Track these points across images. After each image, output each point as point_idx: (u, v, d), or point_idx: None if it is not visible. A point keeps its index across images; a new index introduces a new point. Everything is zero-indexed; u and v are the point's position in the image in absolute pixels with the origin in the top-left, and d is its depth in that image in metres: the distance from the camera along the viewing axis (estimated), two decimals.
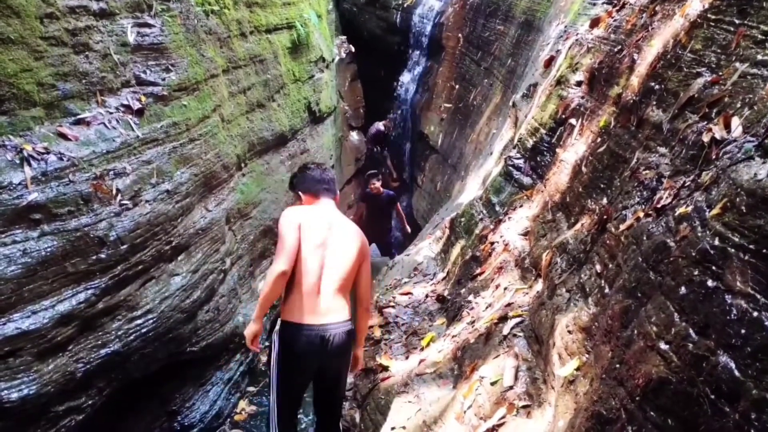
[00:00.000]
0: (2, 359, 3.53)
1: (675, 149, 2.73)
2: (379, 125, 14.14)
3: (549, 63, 6.50)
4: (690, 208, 1.97)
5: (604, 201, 3.40)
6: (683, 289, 1.64)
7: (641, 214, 2.43)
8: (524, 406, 2.85)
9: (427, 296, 5.33)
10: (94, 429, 4.55)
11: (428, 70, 14.00)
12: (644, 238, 2.18)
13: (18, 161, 3.74)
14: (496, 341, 3.47)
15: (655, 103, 3.20)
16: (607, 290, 2.37)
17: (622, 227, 2.67)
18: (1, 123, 3.78)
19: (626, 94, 3.67)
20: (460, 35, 12.76)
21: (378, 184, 9.72)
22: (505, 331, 3.48)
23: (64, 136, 4.13)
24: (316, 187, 4.24)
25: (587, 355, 2.27)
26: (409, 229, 10.20)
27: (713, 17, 2.91)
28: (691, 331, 1.53)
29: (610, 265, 2.62)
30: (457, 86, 12.55)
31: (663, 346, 1.61)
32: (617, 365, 1.81)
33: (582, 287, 2.81)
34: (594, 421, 1.78)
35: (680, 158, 2.60)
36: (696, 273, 1.61)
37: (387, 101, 14.99)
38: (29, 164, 3.79)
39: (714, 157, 2.27)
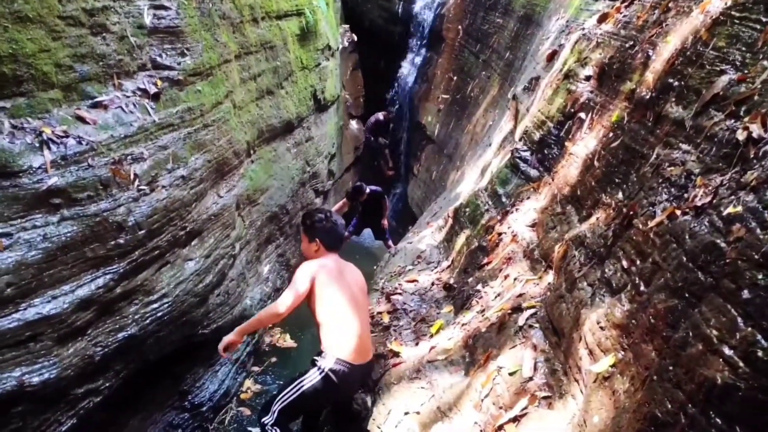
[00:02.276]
0: (23, 344, 3.40)
1: (702, 147, 2.63)
2: (379, 115, 13.99)
3: (552, 57, 6.38)
4: (740, 209, 1.87)
5: (620, 195, 3.30)
6: (746, 293, 1.54)
7: (677, 212, 2.33)
8: (545, 397, 2.76)
9: (433, 284, 5.23)
10: (110, 407, 4.45)
11: (428, 61, 13.84)
12: (686, 237, 2.07)
13: (37, 144, 3.59)
14: (511, 331, 3.38)
15: (674, 99, 3.10)
16: (642, 288, 2.27)
17: (651, 223, 2.57)
18: (19, 104, 3.63)
19: (641, 90, 3.56)
20: (460, 27, 12.61)
21: (365, 194, 9.46)
22: (520, 321, 3.38)
23: (82, 120, 3.97)
24: (336, 245, 4.40)
25: (623, 353, 2.17)
26: (386, 223, 10.08)
27: (738, 14, 2.80)
28: (759, 337, 1.43)
29: (639, 261, 2.53)
30: (455, 78, 12.41)
31: (727, 351, 1.51)
32: (671, 367, 1.71)
33: (607, 282, 2.71)
34: (646, 422, 1.68)
35: (710, 156, 2.50)
36: (760, 277, 1.51)
37: (386, 91, 14.83)
38: (49, 148, 3.63)
39: (753, 155, 2.17)
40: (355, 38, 12.52)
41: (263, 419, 3.90)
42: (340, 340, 3.89)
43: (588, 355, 2.42)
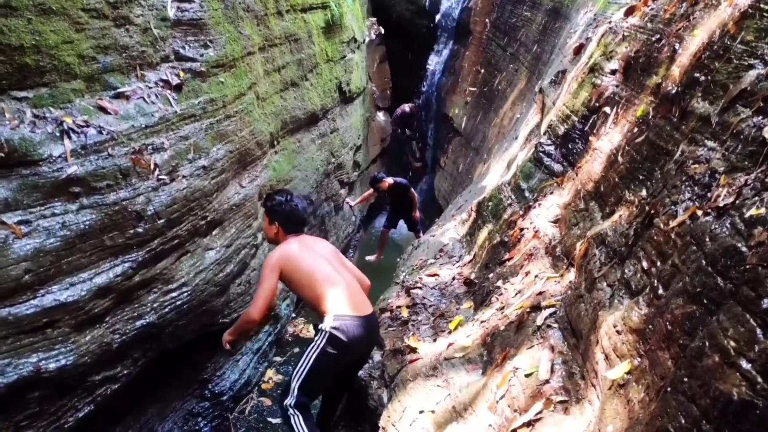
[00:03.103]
0: (41, 330, 3.41)
1: (727, 144, 2.50)
2: (405, 107, 13.90)
3: (579, 50, 6.24)
4: (763, 210, 1.76)
5: (644, 193, 3.17)
6: (767, 303, 1.43)
7: (699, 212, 2.21)
8: (561, 402, 2.66)
9: (454, 278, 5.13)
10: (130, 395, 4.46)
11: (455, 54, 13.71)
12: (707, 239, 1.96)
13: (58, 134, 3.59)
14: (529, 331, 3.27)
15: (700, 94, 2.96)
16: (661, 291, 2.16)
17: (672, 223, 2.45)
18: (42, 95, 3.63)
19: (666, 84, 3.42)
20: (487, 20, 12.46)
21: (386, 183, 9.28)
22: (539, 321, 3.27)
23: (103, 110, 3.96)
24: (296, 229, 4.39)
25: (639, 359, 2.06)
26: (417, 215, 9.95)
27: (767, 7, 2.66)
28: None
29: (659, 263, 2.41)
30: (482, 70, 12.27)
31: (745, 364, 1.41)
32: (686, 378, 1.60)
33: (627, 284, 2.60)
34: None
35: (736, 154, 2.37)
36: None
37: (413, 83, 14.72)
38: (69, 137, 3.63)
39: None
40: (383, 31, 12.43)
41: (285, 402, 3.86)
42: (332, 301, 3.89)
43: (604, 359, 2.32)
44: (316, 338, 3.86)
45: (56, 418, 3.61)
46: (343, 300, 3.89)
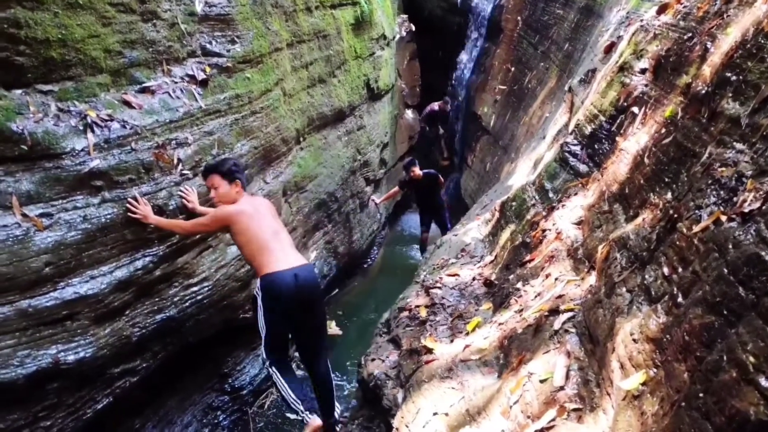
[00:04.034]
0: (60, 322, 3.43)
1: (757, 146, 2.38)
2: (434, 105, 13.77)
3: (609, 49, 6.08)
4: None
5: (669, 196, 3.05)
6: None
7: (722, 217, 2.10)
8: (575, 410, 2.57)
9: (474, 279, 5.04)
10: (148, 388, 4.47)
11: (485, 52, 13.53)
12: (729, 246, 1.86)
13: (82, 128, 3.60)
14: (546, 335, 3.18)
15: (731, 95, 2.83)
16: (680, 299, 2.06)
17: (696, 228, 2.34)
18: (67, 88, 3.65)
19: (696, 84, 3.28)
20: (519, 18, 12.27)
21: (417, 170, 9.35)
22: (557, 325, 3.18)
23: (128, 104, 3.98)
24: (233, 172, 4.38)
25: (655, 370, 1.97)
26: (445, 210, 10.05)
27: None
28: None
29: (680, 269, 2.31)
30: (512, 69, 12.09)
31: (764, 382, 1.32)
32: (701, 394, 1.51)
33: (646, 290, 2.50)
34: None
35: (765, 157, 2.25)
36: None
37: (444, 81, 14.59)
38: (93, 131, 3.65)
39: None
40: (413, 28, 12.32)
41: (264, 365, 4.37)
42: (261, 262, 4.22)
43: (619, 368, 2.22)
44: (256, 301, 4.30)
45: (74, 410, 3.63)
46: (270, 261, 4.21)
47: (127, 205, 3.81)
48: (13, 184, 3.30)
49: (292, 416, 4.92)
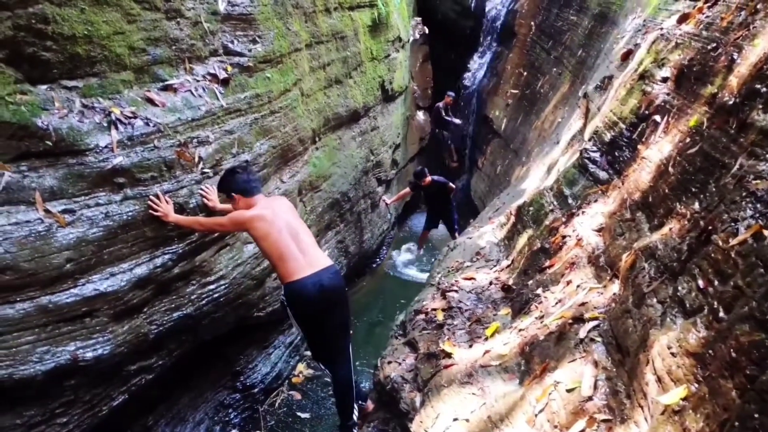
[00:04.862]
0: (79, 319, 3.39)
1: None
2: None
3: (626, 56, 6.01)
4: None
5: (697, 206, 2.99)
6: None
7: (765, 231, 2.04)
8: (605, 420, 2.52)
9: (491, 283, 4.98)
10: (162, 385, 4.43)
11: (498, 56, 13.49)
12: None
13: (105, 124, 3.55)
14: (570, 343, 3.12)
15: (761, 106, 2.77)
16: (721, 314, 2.00)
17: (733, 241, 2.27)
18: (91, 85, 3.60)
19: (723, 95, 3.21)
20: (532, 23, 12.22)
21: (428, 178, 9.53)
22: (582, 334, 3.12)
23: (151, 102, 3.93)
24: (252, 190, 4.34)
25: (697, 386, 1.91)
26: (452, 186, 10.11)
27: None
28: None
29: (717, 283, 2.25)
30: (525, 73, 12.03)
31: None
32: (756, 414, 1.46)
33: (680, 302, 2.43)
34: None
35: None
36: None
37: (455, 83, 14.53)
38: (116, 128, 3.60)
39: None
40: (427, 31, 12.27)
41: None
42: (284, 271, 4.22)
43: (656, 381, 2.16)
44: (287, 310, 4.38)
45: (90, 407, 3.59)
46: (294, 268, 4.21)
47: (149, 202, 3.77)
48: (37, 179, 3.26)
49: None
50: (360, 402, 4.73)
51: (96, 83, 3.62)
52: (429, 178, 9.53)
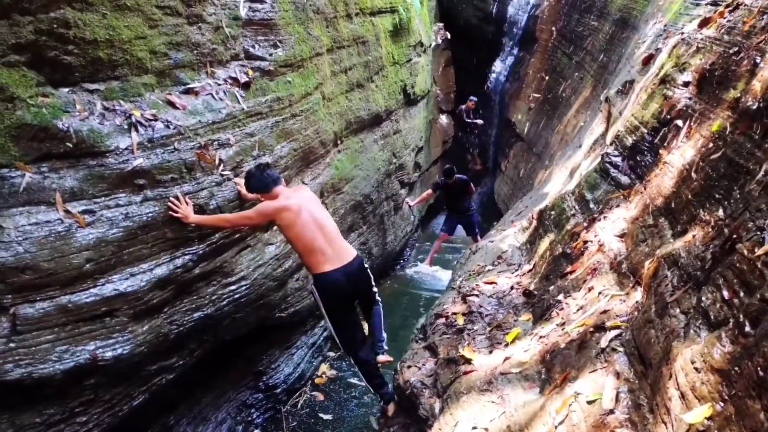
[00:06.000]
0: (99, 318, 3.34)
1: None
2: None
3: (648, 61, 5.84)
4: None
5: (721, 213, 2.83)
6: None
7: None
8: None
9: (512, 288, 4.83)
10: (185, 385, 4.38)
11: (520, 60, 13.32)
12: None
13: (126, 126, 3.51)
14: (592, 353, 2.98)
15: None
16: (747, 328, 1.86)
17: (759, 251, 2.12)
18: (113, 88, 3.55)
19: (746, 99, 3.04)
20: (553, 28, 12.04)
21: (455, 177, 9.25)
22: (603, 343, 2.97)
23: (172, 105, 3.87)
24: (269, 186, 4.25)
25: (723, 404, 1.77)
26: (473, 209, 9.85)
27: None
28: None
29: (743, 294, 2.10)
30: (547, 77, 11.85)
31: None
32: None
33: (704, 313, 2.28)
34: None
35: None
36: None
37: (478, 87, 14.38)
38: (137, 130, 3.55)
39: None
40: (449, 36, 12.17)
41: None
42: (311, 262, 4.32)
43: (679, 398, 2.02)
44: (314, 298, 4.48)
45: (110, 406, 3.54)
46: (322, 260, 4.30)
47: (169, 203, 3.71)
48: (57, 180, 3.22)
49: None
50: (382, 403, 4.73)
51: (117, 86, 3.58)
52: (455, 176, 9.28)
